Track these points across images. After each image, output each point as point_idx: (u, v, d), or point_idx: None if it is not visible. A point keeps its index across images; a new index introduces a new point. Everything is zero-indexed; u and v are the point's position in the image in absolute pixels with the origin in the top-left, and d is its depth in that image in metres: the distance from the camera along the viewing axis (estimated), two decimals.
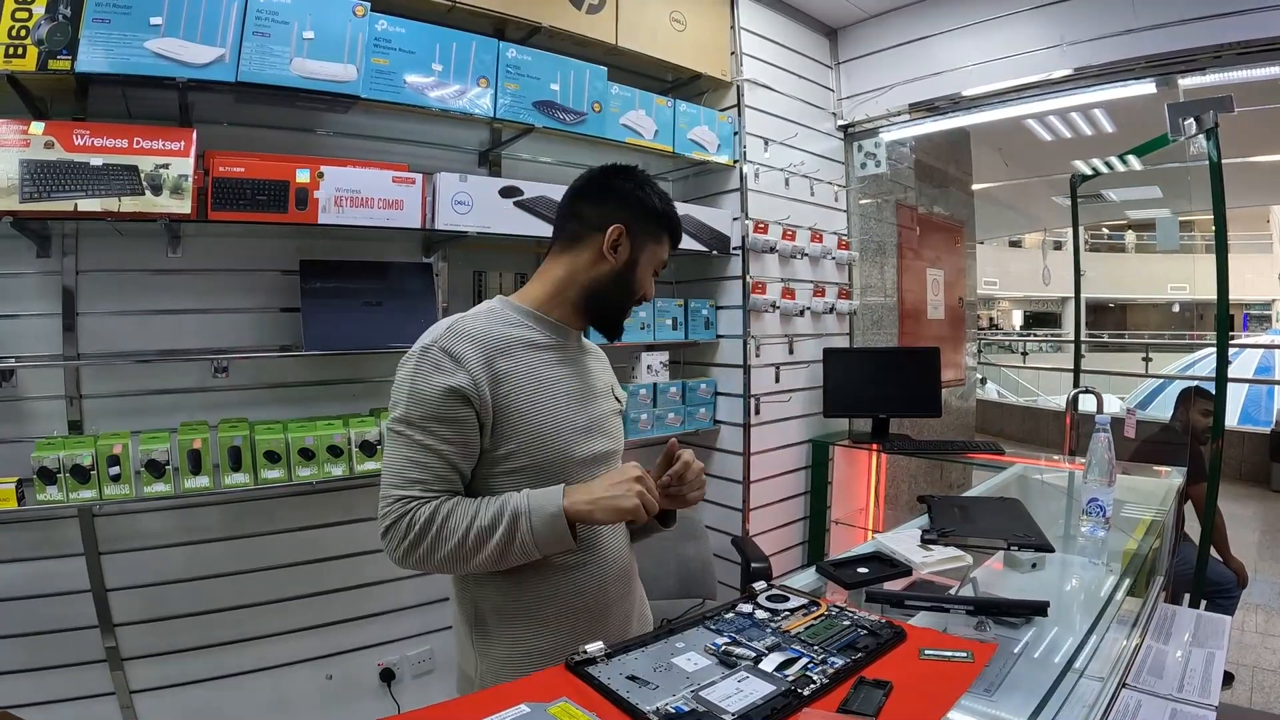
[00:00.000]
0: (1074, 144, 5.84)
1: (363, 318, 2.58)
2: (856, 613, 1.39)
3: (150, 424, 2.38)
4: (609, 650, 1.23)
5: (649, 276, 1.57)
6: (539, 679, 1.16)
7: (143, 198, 2.08)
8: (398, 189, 2.48)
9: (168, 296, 2.50)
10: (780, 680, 1.13)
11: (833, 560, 1.82)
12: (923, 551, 1.84)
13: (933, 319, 4.96)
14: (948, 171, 5.31)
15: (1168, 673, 1.61)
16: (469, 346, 1.39)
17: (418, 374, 1.38)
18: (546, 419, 1.45)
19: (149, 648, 2.49)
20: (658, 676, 1.15)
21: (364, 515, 2.80)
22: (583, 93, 2.86)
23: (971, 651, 1.24)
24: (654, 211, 1.55)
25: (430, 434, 1.36)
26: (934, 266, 4.99)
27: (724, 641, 1.26)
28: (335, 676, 2.80)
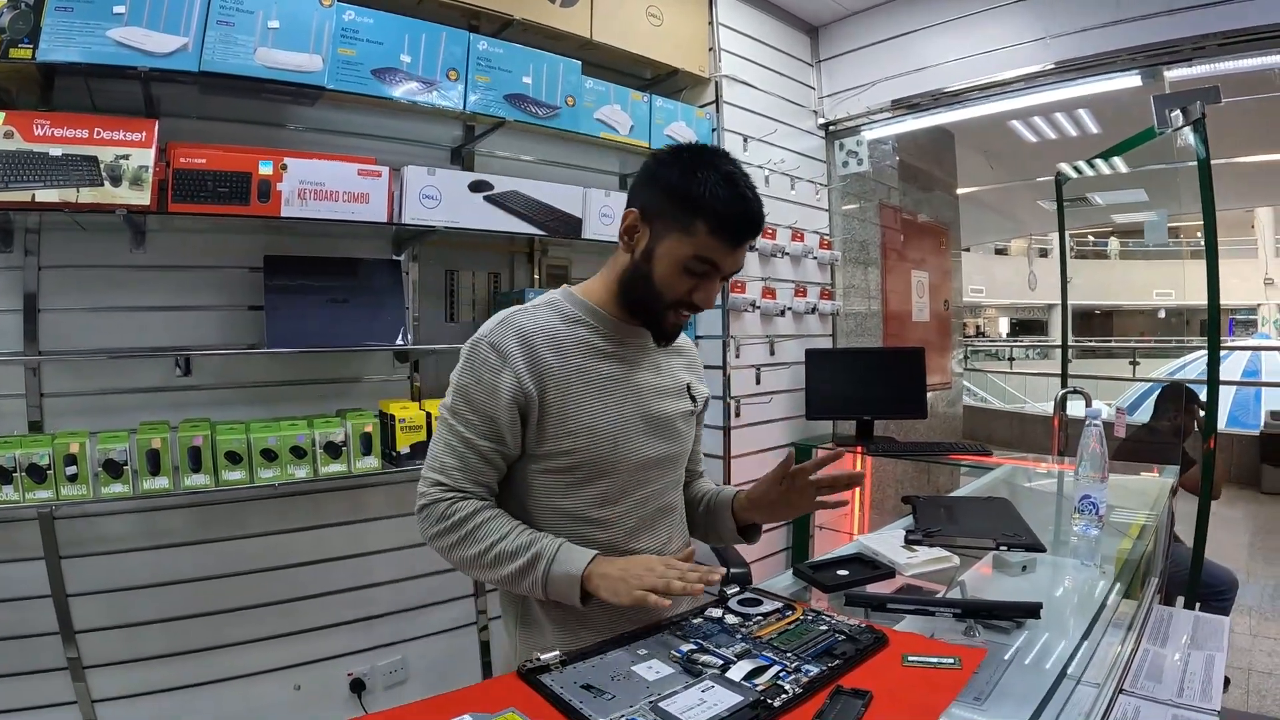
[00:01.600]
0: (1059, 145, 5.85)
1: (328, 315, 2.51)
2: (835, 618, 1.32)
3: (112, 424, 2.31)
4: (564, 657, 1.16)
5: (676, 274, 1.35)
6: (489, 687, 1.11)
7: (102, 189, 2.04)
8: (363, 182, 2.41)
9: (132, 293, 2.43)
10: (749, 690, 1.06)
11: (812, 563, 1.76)
12: (907, 553, 1.78)
13: (918, 322, 4.92)
14: (932, 173, 5.28)
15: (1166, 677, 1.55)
16: (517, 342, 1.37)
17: (465, 368, 1.39)
18: (595, 417, 1.40)
19: (112, 655, 2.42)
20: (615, 686, 1.09)
21: (333, 520, 2.73)
22: (556, 86, 2.80)
23: (959, 657, 1.17)
24: (677, 193, 1.33)
25: (470, 427, 1.37)
26: (919, 269, 4.96)
27: (689, 648, 1.19)
28: (303, 686, 2.71)
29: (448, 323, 3.01)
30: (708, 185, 1.30)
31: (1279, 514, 7.03)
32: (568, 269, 3.26)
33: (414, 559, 2.87)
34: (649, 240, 1.38)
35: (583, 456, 1.39)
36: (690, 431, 1.60)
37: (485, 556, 1.33)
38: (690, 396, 1.58)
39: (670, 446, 1.51)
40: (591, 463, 1.40)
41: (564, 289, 1.51)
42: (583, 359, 1.42)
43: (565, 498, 1.42)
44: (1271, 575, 5.31)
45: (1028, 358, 17.51)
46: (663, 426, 1.49)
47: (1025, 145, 6.01)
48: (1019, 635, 1.34)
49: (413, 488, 2.73)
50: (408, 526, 2.81)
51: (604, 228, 2.88)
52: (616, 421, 1.41)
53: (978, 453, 3.34)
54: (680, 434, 1.54)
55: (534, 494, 1.43)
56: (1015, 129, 5.71)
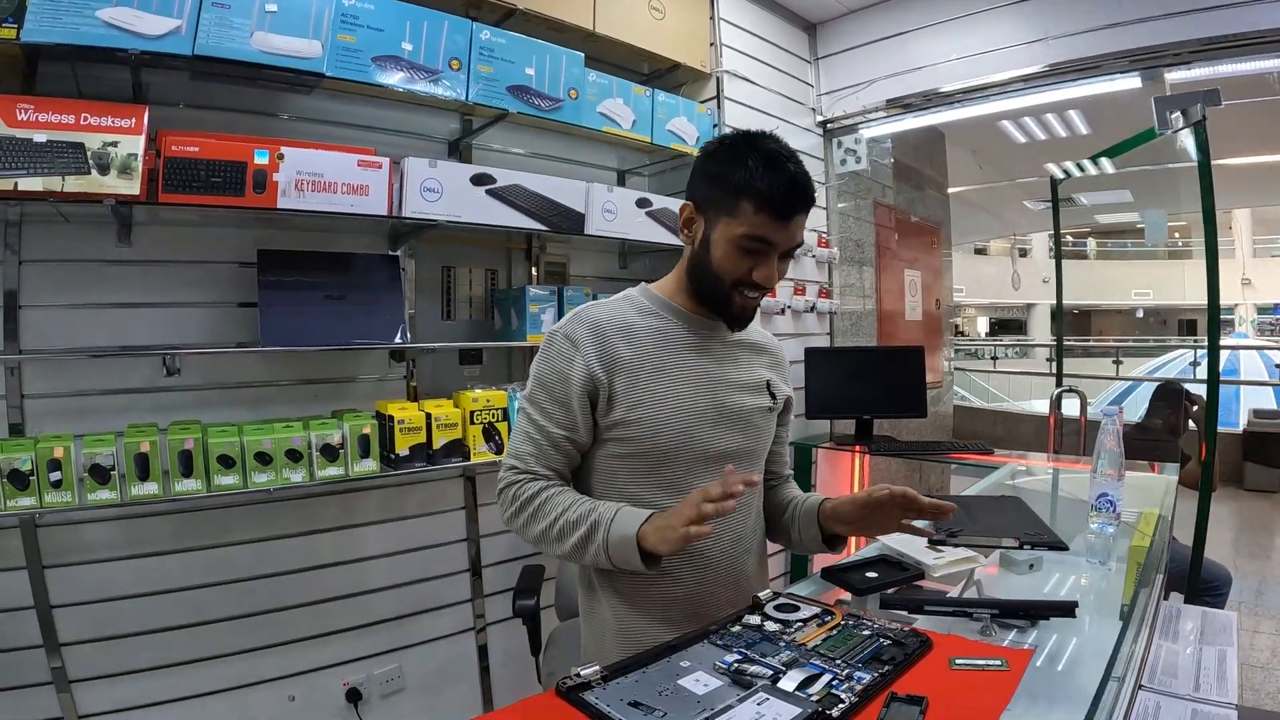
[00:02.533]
0: (1047, 146, 5.86)
1: (324, 312, 2.42)
2: (876, 621, 1.27)
3: (97, 426, 2.21)
4: (605, 672, 1.10)
5: (732, 255, 1.37)
6: (528, 706, 1.04)
7: (88, 177, 1.93)
8: (363, 173, 2.33)
9: (118, 290, 2.33)
10: (804, 701, 1.01)
11: (838, 565, 1.73)
12: (933, 553, 1.75)
13: (910, 321, 4.90)
14: (924, 172, 5.27)
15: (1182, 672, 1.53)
16: (588, 332, 1.42)
17: (542, 358, 1.46)
18: (664, 404, 1.42)
19: (98, 669, 2.32)
20: (664, 702, 1.03)
21: (326, 525, 2.65)
22: (559, 78, 2.73)
23: (1005, 659, 1.14)
24: (720, 179, 1.37)
25: (546, 415, 1.43)
26: (911, 268, 4.94)
27: (735, 659, 1.14)
28: (298, 698, 2.63)
29: (444, 320, 2.94)
30: (749, 165, 1.33)
31: (1262, 510, 7.08)
32: (566, 266, 3.20)
33: (409, 564, 2.81)
34: (704, 229, 1.42)
35: (650, 444, 1.41)
36: (769, 429, 1.59)
37: (552, 530, 1.37)
38: (770, 393, 1.58)
39: (745, 440, 1.51)
40: (660, 450, 1.42)
41: (641, 286, 1.56)
42: (655, 350, 1.45)
43: (634, 485, 1.44)
44: (1257, 571, 5.36)
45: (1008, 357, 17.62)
46: (737, 419, 1.49)
47: (1014, 145, 6.01)
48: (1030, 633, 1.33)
49: (405, 490, 2.72)
50: (402, 530, 2.78)
51: (607, 224, 2.81)
52: (687, 410, 1.43)
53: (979, 451, 3.31)
54: (757, 429, 1.54)
55: (605, 481, 1.46)
56: (1005, 129, 5.70)
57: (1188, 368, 10.23)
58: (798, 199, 1.35)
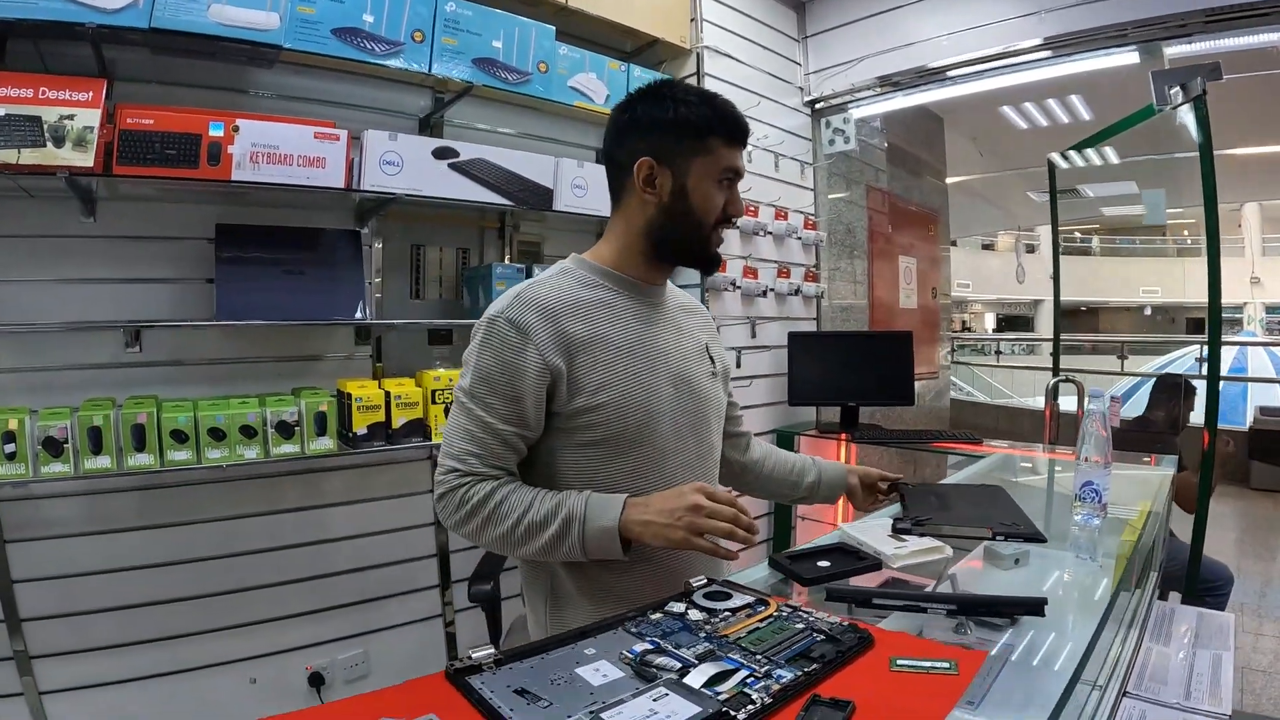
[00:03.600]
0: (1050, 133, 5.75)
1: (282, 287, 2.37)
2: (814, 614, 1.16)
3: (60, 401, 2.20)
4: (500, 656, 1.01)
5: (714, 192, 1.39)
6: (412, 688, 0.96)
7: (44, 150, 1.94)
8: (320, 146, 2.28)
9: (82, 265, 2.31)
10: (708, 700, 0.90)
11: (790, 553, 1.60)
12: (894, 542, 1.63)
13: (905, 309, 4.81)
14: (920, 157, 5.18)
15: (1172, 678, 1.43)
16: (538, 317, 1.32)
17: (484, 347, 1.33)
18: (626, 384, 1.36)
19: (60, 645, 2.29)
20: (553, 691, 0.94)
21: (288, 505, 2.59)
22: (528, 51, 2.66)
23: (955, 661, 1.02)
24: (681, 122, 1.36)
25: (490, 410, 1.32)
26: (906, 255, 4.85)
27: (645, 649, 1.04)
28: (260, 680, 2.58)
29: (413, 299, 2.87)
30: (699, 106, 1.36)
31: (1268, 510, 6.95)
32: (540, 245, 3.13)
33: (375, 548, 2.75)
34: (673, 178, 1.38)
35: (615, 427, 1.35)
36: (719, 396, 1.56)
37: (515, 533, 1.29)
38: (710, 358, 1.55)
39: (700, 410, 1.48)
40: (624, 433, 1.36)
41: (574, 257, 1.48)
42: (607, 324, 1.38)
43: (600, 472, 1.37)
44: (1261, 572, 5.24)
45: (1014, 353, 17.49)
46: (691, 389, 1.46)
47: (1016, 132, 5.91)
48: (1014, 633, 1.21)
49: (371, 472, 2.65)
50: (368, 513, 2.72)
51: (577, 200, 2.74)
52: (646, 388, 1.38)
53: (966, 441, 3.22)
54: (708, 397, 1.50)
55: (566, 471, 1.39)
56: (1006, 115, 5.60)
57: (1194, 365, 10.09)
58: (745, 124, 1.42)
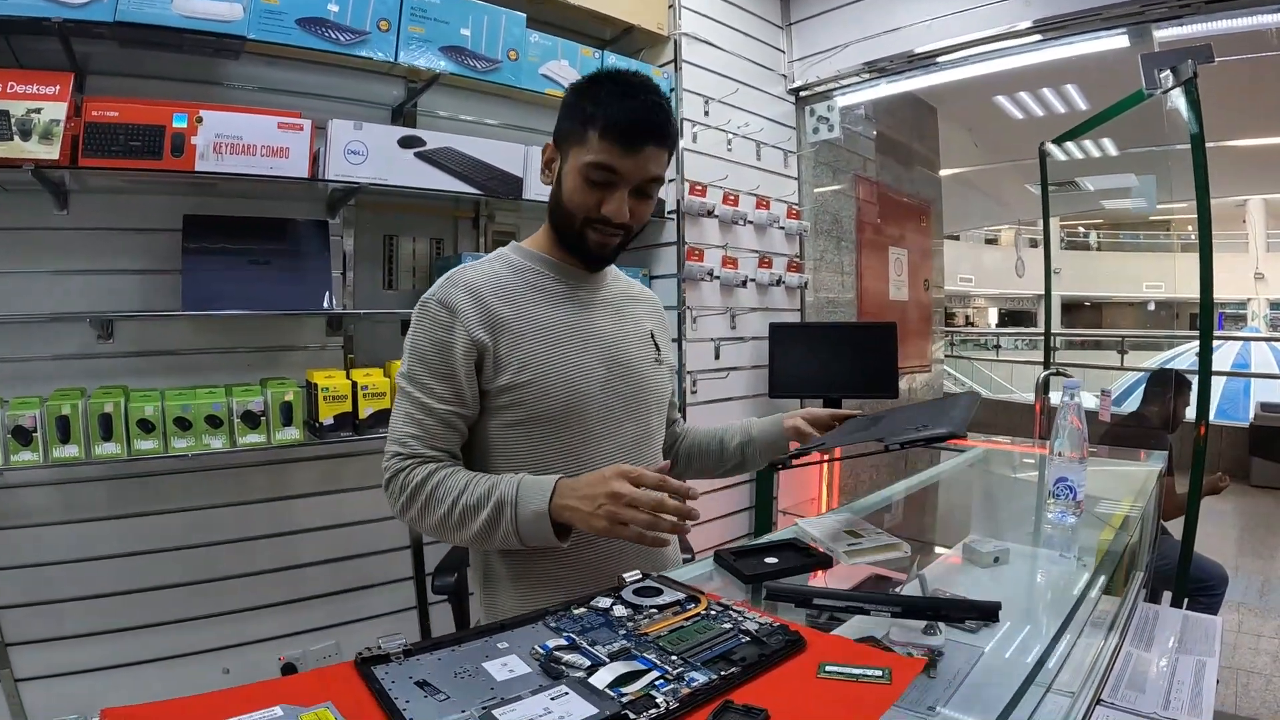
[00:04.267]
0: (1045, 123, 5.68)
1: (249, 277, 2.37)
2: (745, 613, 1.09)
3: (31, 392, 2.23)
4: (409, 646, 0.97)
5: (579, 187, 1.32)
6: (321, 675, 0.93)
7: (10, 143, 2.00)
8: (284, 136, 2.27)
9: (56, 257, 2.34)
10: (609, 700, 0.85)
11: (737, 548, 1.50)
12: (849, 539, 1.59)
13: (895, 301, 4.76)
14: (911, 147, 5.12)
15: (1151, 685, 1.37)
16: (465, 296, 1.34)
17: (416, 329, 1.36)
18: (551, 364, 1.36)
19: (34, 633, 2.33)
20: (455, 684, 0.90)
21: (258, 496, 2.60)
22: (497, 39, 2.64)
23: (889, 669, 0.93)
24: (573, 110, 1.33)
25: (427, 390, 1.33)
26: (897, 246, 4.80)
27: (557, 644, 0.99)
28: (232, 670, 2.59)
29: (386, 290, 2.86)
30: (600, 96, 1.30)
31: (1268, 507, 6.88)
32: (515, 235, 3.08)
33: (348, 539, 2.74)
34: (560, 165, 1.37)
35: (539, 406, 1.34)
36: (660, 382, 1.54)
37: (451, 517, 1.28)
38: (655, 344, 1.53)
39: (638, 394, 1.45)
40: (549, 413, 1.35)
41: (512, 244, 1.49)
42: (535, 307, 1.38)
43: (530, 454, 1.36)
44: (1260, 570, 5.18)
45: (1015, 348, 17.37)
46: (627, 373, 1.44)
47: (1011, 122, 5.84)
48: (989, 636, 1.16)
49: (340, 463, 2.63)
50: (340, 504, 2.72)
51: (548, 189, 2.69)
52: (575, 366, 1.37)
53: None
54: (647, 382, 1.48)
55: (497, 453, 1.38)
56: (1000, 104, 5.54)
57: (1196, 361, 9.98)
58: (645, 128, 1.29)
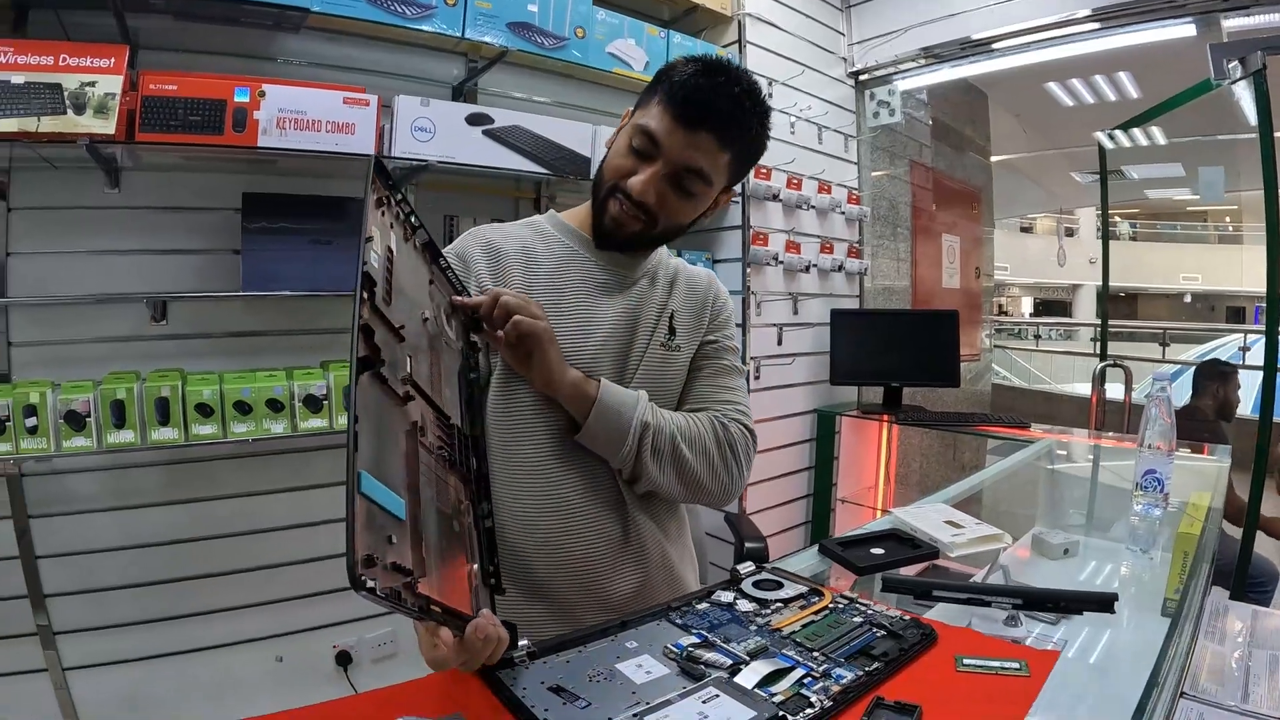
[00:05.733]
0: (1096, 110, 5.57)
1: (310, 257, 2.32)
2: (872, 606, 1.08)
3: (84, 374, 2.17)
4: (534, 649, 0.94)
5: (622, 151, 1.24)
6: (441, 682, 0.90)
7: (64, 117, 1.91)
8: (349, 111, 2.22)
9: (107, 237, 2.28)
10: (762, 703, 0.82)
11: (840, 539, 1.52)
12: (951, 529, 1.56)
13: (948, 289, 4.69)
14: (964, 133, 5.04)
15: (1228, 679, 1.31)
16: (481, 252, 1.31)
17: None
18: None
19: (83, 621, 2.28)
20: (592, 689, 0.86)
21: (315, 481, 2.56)
22: (564, 16, 2.59)
23: (1025, 661, 0.95)
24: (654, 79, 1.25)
25: None
26: (950, 233, 4.72)
27: (691, 642, 0.96)
28: (286, 658, 2.55)
29: None
30: (684, 67, 1.20)
31: None
32: None
33: None
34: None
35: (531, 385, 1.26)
36: (668, 370, 1.36)
37: None
38: (670, 328, 1.37)
39: (640, 380, 1.32)
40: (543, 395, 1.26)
41: (550, 212, 1.43)
42: (550, 275, 1.31)
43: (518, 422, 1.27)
44: None
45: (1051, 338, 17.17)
46: (632, 355, 1.33)
47: (1060, 109, 5.73)
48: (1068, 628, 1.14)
49: None
50: None
51: None
52: (572, 343, 1.27)
53: (1011, 425, 3.11)
54: (652, 368, 1.34)
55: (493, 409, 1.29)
56: (1051, 91, 5.43)
57: (1237, 353, 9.80)
58: (707, 109, 1.18)
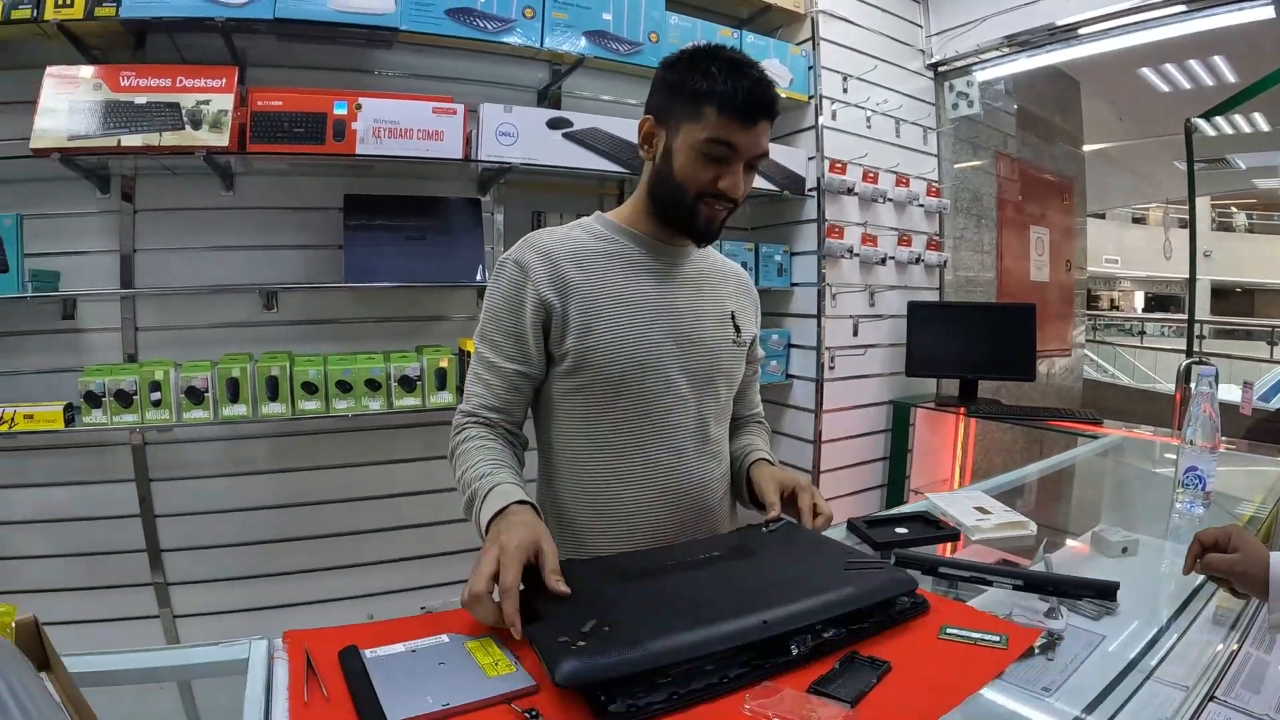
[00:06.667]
0: (1193, 96, 5.37)
1: (405, 252, 2.54)
2: None
3: (201, 356, 2.42)
4: None
5: (695, 163, 1.30)
6: None
7: (183, 132, 2.19)
8: (438, 120, 2.43)
9: (221, 234, 2.56)
10: None
11: (868, 517, 1.61)
12: (977, 514, 1.62)
13: (1036, 282, 4.62)
14: (1054, 123, 4.94)
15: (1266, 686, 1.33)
16: (538, 257, 1.35)
17: (492, 288, 1.39)
18: (619, 333, 1.35)
19: (194, 575, 2.57)
20: None
21: (403, 456, 2.78)
22: (638, 22, 2.74)
23: (1006, 635, 1.03)
24: (684, 86, 1.30)
25: (496, 350, 1.36)
26: (1038, 225, 4.65)
27: None
28: (376, 615, 2.72)
29: None
30: (712, 72, 1.28)
31: None
32: None
33: None
34: (666, 139, 1.34)
35: (605, 373, 1.35)
36: (736, 364, 1.51)
37: (459, 485, 1.31)
38: (735, 325, 1.49)
39: (707, 373, 1.43)
40: (615, 380, 1.35)
41: (596, 214, 1.49)
42: (609, 275, 1.38)
43: (589, 420, 1.38)
44: None
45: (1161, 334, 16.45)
46: (700, 351, 1.42)
47: (1156, 95, 5.52)
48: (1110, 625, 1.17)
49: None
50: None
51: None
52: (640, 339, 1.36)
53: (1085, 420, 3.09)
54: (722, 363, 1.46)
55: (560, 417, 1.40)
56: (1145, 77, 5.27)
57: None
58: (760, 103, 1.29)
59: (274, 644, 1.01)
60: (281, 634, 1.03)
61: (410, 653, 0.97)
